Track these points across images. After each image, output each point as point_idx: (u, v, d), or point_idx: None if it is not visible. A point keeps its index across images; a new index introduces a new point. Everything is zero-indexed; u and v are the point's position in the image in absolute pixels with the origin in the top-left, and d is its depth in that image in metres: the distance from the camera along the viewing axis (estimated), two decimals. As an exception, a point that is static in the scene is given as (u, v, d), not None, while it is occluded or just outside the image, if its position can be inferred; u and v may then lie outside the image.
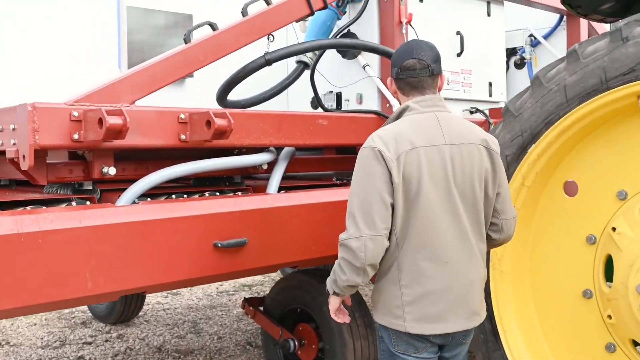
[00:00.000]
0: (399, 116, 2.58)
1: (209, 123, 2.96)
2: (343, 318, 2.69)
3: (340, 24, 4.12)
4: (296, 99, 4.60)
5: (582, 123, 3.09)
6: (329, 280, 2.59)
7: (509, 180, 3.24)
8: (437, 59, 2.58)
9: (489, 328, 3.37)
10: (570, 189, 3.26)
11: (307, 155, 4.24)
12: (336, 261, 2.51)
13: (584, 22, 5.33)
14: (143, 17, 3.93)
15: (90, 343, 5.73)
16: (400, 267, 2.45)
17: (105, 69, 3.96)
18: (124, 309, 6.05)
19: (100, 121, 2.67)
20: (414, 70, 2.54)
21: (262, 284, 7.96)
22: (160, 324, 6.31)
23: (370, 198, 2.37)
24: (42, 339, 5.83)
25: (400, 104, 2.61)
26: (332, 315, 2.67)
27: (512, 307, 3.39)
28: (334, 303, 2.64)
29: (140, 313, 6.53)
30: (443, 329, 2.46)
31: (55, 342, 5.75)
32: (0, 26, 3.71)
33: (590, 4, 3.94)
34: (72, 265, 2.61)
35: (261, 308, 4.62)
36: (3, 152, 3.12)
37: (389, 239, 2.43)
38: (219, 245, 3.04)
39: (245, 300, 4.74)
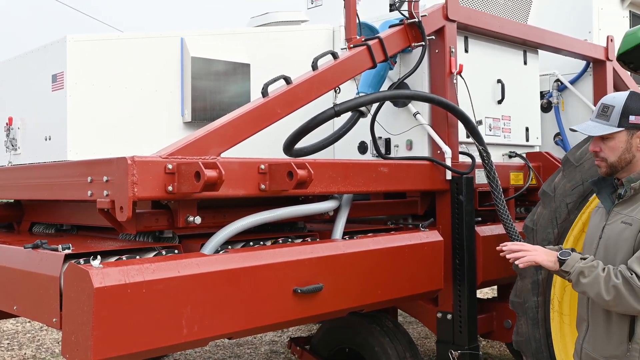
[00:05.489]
0: None
1: (290, 174, 3.08)
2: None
3: (391, 73, 4.29)
4: (338, 143, 4.70)
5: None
6: (591, 279, 2.52)
7: (570, 227, 3.40)
8: None
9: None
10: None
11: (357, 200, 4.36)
12: (608, 283, 2.47)
13: (609, 68, 5.55)
14: (205, 66, 4.07)
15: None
16: None
17: (167, 116, 4.08)
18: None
19: (197, 174, 2.78)
20: None
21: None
22: (191, 362, 6.36)
23: None
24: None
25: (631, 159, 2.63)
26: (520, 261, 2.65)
27: (572, 348, 3.51)
28: (547, 265, 2.65)
29: (170, 351, 6.54)
30: None
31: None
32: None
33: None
34: (171, 313, 2.71)
35: (307, 347, 4.72)
36: (82, 201, 3.24)
37: None
38: (299, 291, 3.15)
39: (292, 340, 4.82)
